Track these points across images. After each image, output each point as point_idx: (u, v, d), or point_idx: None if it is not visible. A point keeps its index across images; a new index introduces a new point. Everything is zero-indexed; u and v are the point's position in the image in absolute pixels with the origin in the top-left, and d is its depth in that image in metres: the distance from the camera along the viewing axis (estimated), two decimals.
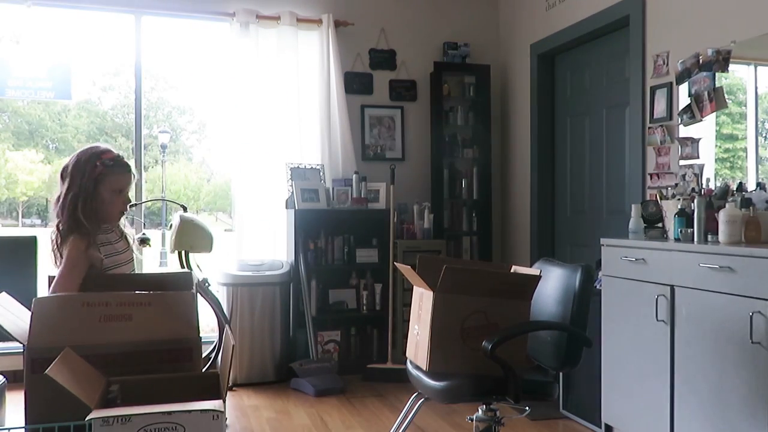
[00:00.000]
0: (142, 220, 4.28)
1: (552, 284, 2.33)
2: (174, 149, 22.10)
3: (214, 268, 4.14)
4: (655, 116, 3.42)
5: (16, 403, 2.47)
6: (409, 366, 2.37)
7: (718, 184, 2.95)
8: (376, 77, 4.77)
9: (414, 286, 2.34)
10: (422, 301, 2.24)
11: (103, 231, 2.31)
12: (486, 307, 2.14)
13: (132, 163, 2.74)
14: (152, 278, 2.24)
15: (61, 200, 2.22)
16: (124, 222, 2.45)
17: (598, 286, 3.06)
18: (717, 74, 3.01)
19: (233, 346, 1.45)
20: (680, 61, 3.20)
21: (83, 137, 20.43)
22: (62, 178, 2.26)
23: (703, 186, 2.98)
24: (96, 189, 2.23)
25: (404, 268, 2.34)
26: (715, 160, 3.09)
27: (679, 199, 2.88)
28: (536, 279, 2.19)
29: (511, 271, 2.43)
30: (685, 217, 2.77)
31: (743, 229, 2.48)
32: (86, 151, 2.27)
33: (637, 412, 2.84)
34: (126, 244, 2.42)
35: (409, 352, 2.36)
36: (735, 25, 2.92)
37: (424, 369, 2.19)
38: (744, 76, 2.99)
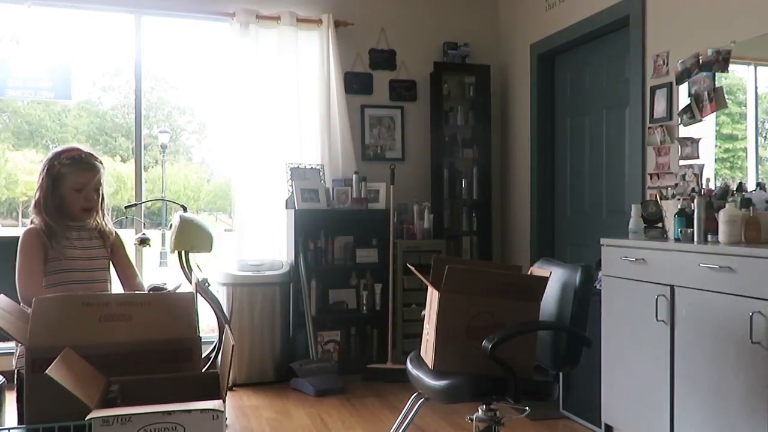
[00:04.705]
0: (142, 220, 4.28)
1: (552, 284, 2.33)
2: (174, 149, 22.09)
3: (214, 268, 4.14)
4: (655, 116, 3.41)
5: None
6: (409, 366, 2.37)
7: (718, 184, 2.95)
8: (376, 77, 4.77)
9: (428, 287, 2.35)
10: (432, 300, 2.25)
11: (74, 229, 2.37)
12: (493, 308, 2.14)
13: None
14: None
15: (33, 201, 2.32)
16: (104, 221, 2.45)
17: (598, 286, 3.06)
18: (717, 74, 3.01)
19: (233, 346, 1.45)
20: (680, 61, 3.20)
21: (83, 137, 20.42)
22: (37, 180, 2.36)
23: (703, 186, 2.98)
24: (55, 188, 2.29)
25: (413, 269, 2.36)
26: (715, 160, 3.09)
27: (679, 199, 2.88)
28: (544, 280, 2.19)
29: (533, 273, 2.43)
30: (685, 217, 2.77)
31: (743, 229, 2.48)
32: (52, 152, 2.34)
33: (637, 412, 2.84)
34: (97, 244, 2.42)
35: (422, 352, 2.37)
36: (735, 25, 2.92)
37: (430, 367, 2.19)
38: (744, 76, 2.99)
